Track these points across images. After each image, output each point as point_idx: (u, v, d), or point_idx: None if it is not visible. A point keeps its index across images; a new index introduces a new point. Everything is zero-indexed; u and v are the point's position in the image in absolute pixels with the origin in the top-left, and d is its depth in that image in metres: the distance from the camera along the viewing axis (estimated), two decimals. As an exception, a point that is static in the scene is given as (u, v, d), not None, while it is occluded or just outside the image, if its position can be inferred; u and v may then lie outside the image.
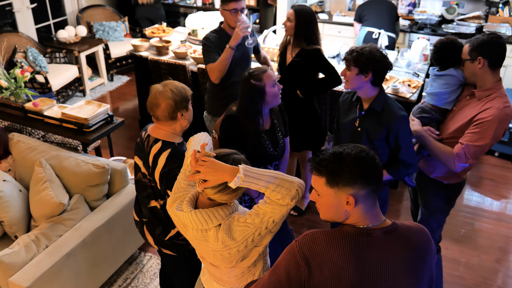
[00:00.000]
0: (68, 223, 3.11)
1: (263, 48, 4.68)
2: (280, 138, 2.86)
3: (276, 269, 1.58)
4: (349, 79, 2.54)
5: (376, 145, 2.59)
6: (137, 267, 3.57)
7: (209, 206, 1.86)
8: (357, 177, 1.51)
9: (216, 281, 2.07)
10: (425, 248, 1.60)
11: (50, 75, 5.76)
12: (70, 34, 6.40)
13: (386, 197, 2.86)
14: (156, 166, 2.34)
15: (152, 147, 2.36)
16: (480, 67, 2.51)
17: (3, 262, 2.72)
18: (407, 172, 2.62)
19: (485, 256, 3.76)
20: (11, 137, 3.56)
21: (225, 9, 3.45)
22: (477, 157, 2.55)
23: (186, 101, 2.34)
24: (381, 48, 2.54)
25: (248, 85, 2.65)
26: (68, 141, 3.93)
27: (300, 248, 1.53)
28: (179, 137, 2.42)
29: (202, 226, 1.82)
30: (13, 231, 3.15)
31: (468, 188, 4.63)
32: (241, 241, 1.80)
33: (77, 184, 3.28)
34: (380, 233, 1.55)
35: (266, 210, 1.78)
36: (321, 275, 1.49)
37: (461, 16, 5.99)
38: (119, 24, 6.95)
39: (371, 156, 1.54)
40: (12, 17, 6.21)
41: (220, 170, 1.74)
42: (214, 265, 1.97)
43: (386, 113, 2.54)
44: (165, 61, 4.71)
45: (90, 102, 3.71)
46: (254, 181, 1.73)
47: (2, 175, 3.23)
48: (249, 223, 1.78)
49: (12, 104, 3.70)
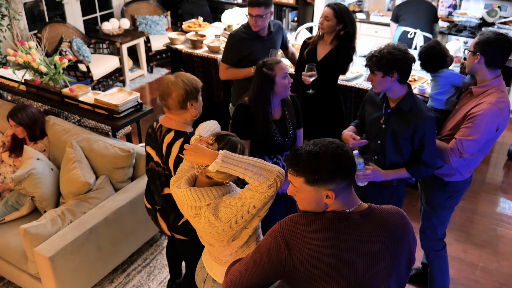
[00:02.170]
0: (93, 201, 3.30)
1: (293, 45, 4.76)
2: (290, 129, 2.94)
3: (258, 249, 1.68)
4: (376, 84, 2.55)
5: (400, 143, 2.61)
6: (156, 248, 3.74)
7: (206, 185, 1.99)
8: (336, 175, 1.56)
9: (214, 260, 2.18)
10: (401, 229, 1.66)
11: (93, 64, 6.05)
12: (114, 26, 6.68)
13: (403, 193, 2.89)
14: (170, 155, 2.47)
15: (165, 137, 2.48)
16: (476, 62, 2.56)
17: (30, 233, 2.94)
18: (426, 172, 2.63)
19: (504, 262, 3.70)
20: (47, 120, 3.80)
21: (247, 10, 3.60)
22: (471, 151, 2.57)
23: (197, 91, 2.46)
24: (400, 45, 2.54)
25: (260, 73, 2.76)
26: (100, 126, 4.15)
27: (281, 230, 1.62)
28: (190, 126, 2.54)
29: (195, 203, 1.94)
30: (43, 206, 3.38)
31: (498, 195, 4.55)
32: (225, 221, 1.91)
33: (104, 165, 3.48)
34: (357, 216, 1.62)
35: (247, 195, 1.89)
36: (300, 255, 1.58)
37: (503, 19, 5.84)
38: (161, 18, 7.19)
39: (346, 151, 1.58)
40: (62, 9, 6.56)
41: (201, 154, 1.87)
42: (210, 243, 2.09)
43: (415, 113, 2.55)
44: (198, 54, 4.87)
45: (122, 90, 3.90)
46: (232, 167, 1.83)
47: (36, 154, 3.47)
48: (233, 206, 1.90)
49: (50, 89, 3.95)
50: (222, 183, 2.00)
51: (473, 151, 2.58)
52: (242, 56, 3.69)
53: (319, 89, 3.62)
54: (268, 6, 3.53)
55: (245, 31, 3.70)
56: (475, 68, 2.61)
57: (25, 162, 3.38)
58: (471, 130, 2.54)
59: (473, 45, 2.59)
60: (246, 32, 3.69)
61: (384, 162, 2.71)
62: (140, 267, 3.56)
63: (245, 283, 1.71)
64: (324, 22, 3.51)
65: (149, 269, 3.55)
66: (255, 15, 3.51)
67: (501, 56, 2.53)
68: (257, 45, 3.69)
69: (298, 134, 3.03)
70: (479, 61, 2.55)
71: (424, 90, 4.08)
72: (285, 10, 6.95)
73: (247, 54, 3.67)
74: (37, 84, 3.96)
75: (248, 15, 3.57)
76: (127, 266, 3.57)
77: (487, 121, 2.51)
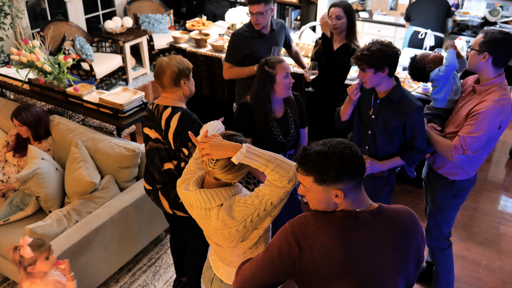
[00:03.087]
0: (98, 201, 3.31)
1: (297, 44, 4.76)
2: (292, 128, 2.96)
3: (269, 248, 1.70)
4: (367, 80, 2.65)
5: (391, 131, 2.71)
6: (162, 248, 3.75)
7: (214, 186, 1.99)
8: (344, 174, 1.57)
9: (221, 260, 2.19)
10: (411, 229, 1.68)
11: (96, 63, 6.05)
12: (116, 24, 6.68)
13: (394, 182, 2.99)
14: (169, 128, 2.61)
15: (163, 113, 2.64)
16: (483, 62, 2.57)
17: (36, 233, 2.94)
18: (419, 158, 2.76)
19: (507, 260, 3.72)
20: (52, 119, 3.80)
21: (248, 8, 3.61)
22: (474, 148, 2.60)
23: (188, 70, 2.66)
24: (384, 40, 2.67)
25: (262, 70, 2.82)
26: (105, 125, 4.15)
27: (292, 229, 1.64)
28: (184, 104, 2.71)
29: (205, 204, 1.94)
30: (48, 206, 3.38)
31: (500, 193, 4.56)
32: (240, 220, 1.91)
33: (109, 165, 3.48)
34: (367, 215, 1.64)
35: (265, 192, 1.89)
36: (311, 254, 1.59)
37: (505, 18, 5.85)
38: (164, 17, 7.18)
39: (355, 151, 1.60)
40: (64, 7, 6.55)
41: (224, 146, 1.86)
42: (218, 244, 2.09)
43: (404, 104, 2.66)
44: (202, 53, 4.87)
45: (126, 89, 3.90)
46: (255, 158, 1.84)
47: (41, 154, 3.46)
48: (249, 204, 1.89)
49: (55, 88, 3.95)
50: (230, 183, 2.00)
51: (476, 148, 2.61)
52: (245, 55, 3.70)
53: (325, 88, 3.62)
54: (268, 3, 3.54)
55: (247, 30, 3.72)
56: (479, 67, 2.62)
57: (30, 162, 3.39)
58: (474, 127, 2.57)
59: (478, 44, 2.58)
60: (248, 31, 3.71)
61: (376, 152, 2.82)
62: (145, 267, 3.57)
63: (256, 283, 1.73)
64: (337, 22, 3.56)
65: (154, 269, 3.55)
66: (256, 12, 3.53)
67: (507, 55, 2.55)
68: (259, 44, 3.69)
69: (302, 133, 3.05)
70: (486, 60, 2.56)
71: (428, 89, 4.08)
72: (288, 9, 6.94)
73: (249, 52, 3.68)
74: (41, 83, 3.95)
75: (249, 13, 3.59)
76: (132, 265, 3.57)
77: (490, 119, 2.54)
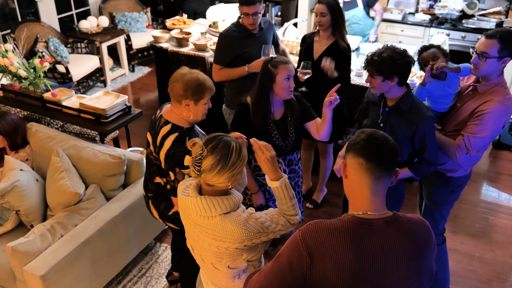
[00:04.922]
0: (84, 212, 3.13)
1: (282, 41, 4.63)
2: (291, 131, 2.86)
3: (279, 258, 1.61)
4: (375, 86, 2.53)
5: (399, 141, 2.58)
6: (152, 257, 3.58)
7: (211, 193, 1.91)
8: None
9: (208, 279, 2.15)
10: (425, 240, 1.61)
11: (71, 65, 5.81)
12: (92, 24, 6.44)
13: (403, 192, 2.86)
14: (162, 147, 2.45)
15: (162, 128, 2.46)
16: (503, 65, 2.51)
17: (18, 251, 2.75)
18: (429, 170, 2.62)
19: (499, 251, 3.72)
20: (29, 127, 3.59)
21: (240, 11, 3.46)
22: (477, 148, 2.58)
23: (198, 94, 2.37)
24: (398, 46, 2.51)
25: (265, 67, 2.74)
26: (86, 131, 3.96)
27: (303, 237, 1.55)
28: (188, 123, 2.47)
29: (206, 213, 1.86)
30: (29, 220, 3.18)
31: (485, 183, 4.57)
32: (248, 235, 1.87)
33: (94, 174, 3.30)
34: (381, 223, 1.56)
35: (279, 221, 1.99)
36: (323, 263, 1.51)
37: (482, 11, 5.91)
38: (141, 15, 6.97)
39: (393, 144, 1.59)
40: (35, 7, 6.28)
41: (273, 166, 2.00)
42: (203, 258, 2.04)
43: (414, 113, 2.53)
44: (184, 52, 4.70)
45: (108, 92, 3.72)
46: (289, 190, 2.00)
47: (19, 165, 3.26)
48: (260, 223, 1.91)
49: (31, 94, 3.73)
50: (225, 189, 1.91)
51: (479, 148, 2.59)
52: (236, 56, 3.55)
53: (318, 87, 3.50)
54: (261, 1, 3.44)
55: (236, 30, 3.57)
56: (490, 71, 2.53)
57: (8, 174, 3.18)
58: (479, 127, 2.54)
59: (497, 50, 2.45)
60: (237, 31, 3.56)
61: None
62: (136, 278, 3.40)
63: None
64: (321, 19, 3.45)
65: (145, 280, 3.39)
66: (252, 13, 3.40)
67: None
68: (250, 43, 3.56)
69: (310, 126, 2.93)
70: (506, 64, 2.50)
71: (414, 84, 4.01)
72: (269, 5, 6.81)
73: (240, 53, 3.54)
74: (16, 89, 3.74)
75: (243, 14, 3.44)
76: (122, 277, 3.40)
77: (495, 119, 2.52)
